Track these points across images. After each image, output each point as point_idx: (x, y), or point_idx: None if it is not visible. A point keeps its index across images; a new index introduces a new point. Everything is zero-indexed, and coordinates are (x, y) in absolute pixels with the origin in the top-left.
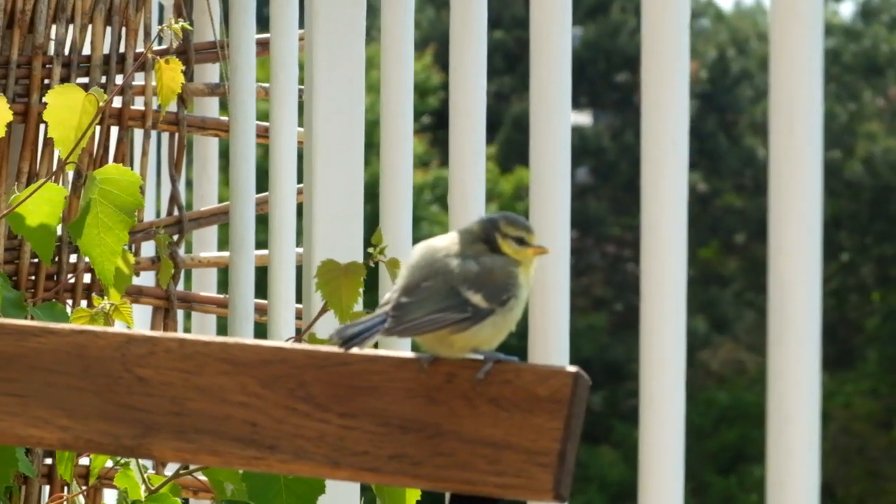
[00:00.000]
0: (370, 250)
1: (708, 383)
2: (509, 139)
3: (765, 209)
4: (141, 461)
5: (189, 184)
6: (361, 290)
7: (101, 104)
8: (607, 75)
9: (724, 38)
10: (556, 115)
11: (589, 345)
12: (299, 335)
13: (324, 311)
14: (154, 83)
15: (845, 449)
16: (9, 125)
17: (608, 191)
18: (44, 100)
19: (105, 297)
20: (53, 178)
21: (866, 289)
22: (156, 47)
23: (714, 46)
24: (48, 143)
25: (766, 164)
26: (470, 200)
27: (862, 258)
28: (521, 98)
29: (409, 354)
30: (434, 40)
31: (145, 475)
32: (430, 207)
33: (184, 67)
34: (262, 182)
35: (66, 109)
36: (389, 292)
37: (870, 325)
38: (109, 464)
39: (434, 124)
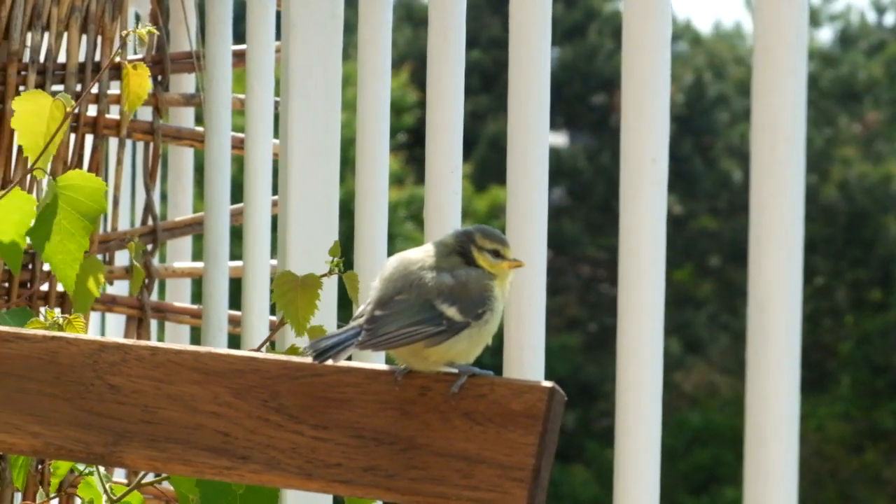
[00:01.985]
0: (326, 262)
1: (681, 405)
2: (484, 159)
3: (739, 232)
4: (104, 471)
5: (163, 195)
6: (318, 302)
7: (68, 110)
8: (584, 97)
9: (701, 62)
10: (534, 132)
11: (562, 364)
12: (257, 349)
13: (281, 324)
14: None
15: (817, 472)
16: None
17: (583, 211)
18: (11, 106)
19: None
20: (23, 186)
21: (840, 313)
22: (131, 56)
23: (691, 70)
24: (22, 149)
25: (741, 187)
26: (446, 217)
27: (836, 282)
28: (496, 118)
29: (383, 367)
30: (410, 58)
31: (107, 485)
32: (405, 224)
33: (160, 77)
34: (237, 193)
35: (34, 116)
36: (363, 305)
37: (843, 348)
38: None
39: (409, 142)
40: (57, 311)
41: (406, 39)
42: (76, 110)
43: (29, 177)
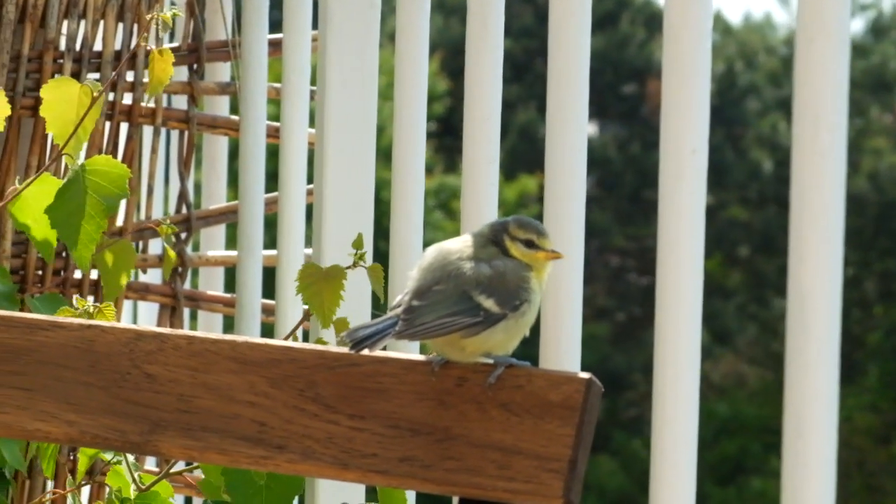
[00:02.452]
0: (349, 255)
1: (709, 395)
2: (514, 148)
3: (769, 222)
4: (132, 459)
5: (197, 185)
6: (344, 293)
7: (95, 95)
8: (615, 86)
9: (731, 52)
10: (572, 123)
11: (590, 354)
12: (286, 337)
13: (307, 316)
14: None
15: (845, 463)
16: (19, 120)
17: (612, 201)
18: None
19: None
20: (54, 172)
21: (869, 303)
22: (168, 45)
23: (722, 60)
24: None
25: (771, 177)
26: (482, 208)
27: (865, 273)
28: (527, 107)
29: (420, 357)
30: (441, 47)
31: (136, 474)
32: (434, 213)
33: (195, 65)
34: (271, 182)
35: (63, 103)
36: (401, 295)
37: (871, 339)
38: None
39: (439, 131)
40: (90, 298)
41: (436, 28)
42: (111, 98)
43: (62, 166)
